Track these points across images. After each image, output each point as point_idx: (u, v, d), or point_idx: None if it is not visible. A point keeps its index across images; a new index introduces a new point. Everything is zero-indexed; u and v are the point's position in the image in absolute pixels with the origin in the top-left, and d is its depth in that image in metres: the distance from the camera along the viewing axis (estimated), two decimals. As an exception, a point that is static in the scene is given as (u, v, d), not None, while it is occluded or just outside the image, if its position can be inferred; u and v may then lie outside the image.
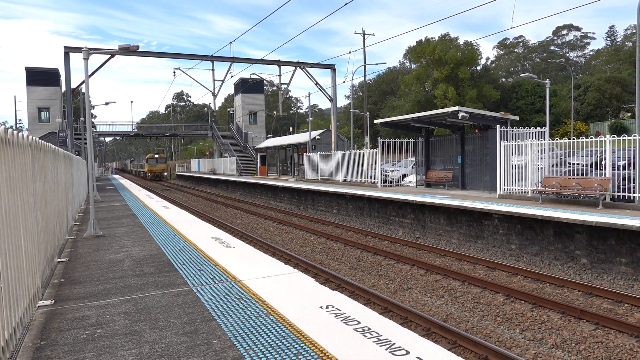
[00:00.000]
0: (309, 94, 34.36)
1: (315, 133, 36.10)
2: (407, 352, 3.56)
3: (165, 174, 63.11)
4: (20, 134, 4.66)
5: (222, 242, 8.60)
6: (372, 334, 3.93)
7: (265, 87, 65.05)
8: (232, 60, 31.24)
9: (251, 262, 6.86)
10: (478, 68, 66.56)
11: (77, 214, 14.45)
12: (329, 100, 35.18)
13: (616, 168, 12.23)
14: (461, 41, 62.47)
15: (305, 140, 33.78)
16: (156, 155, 63.93)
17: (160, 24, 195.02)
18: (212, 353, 3.69)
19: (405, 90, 66.79)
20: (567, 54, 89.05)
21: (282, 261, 8.14)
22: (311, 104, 41.45)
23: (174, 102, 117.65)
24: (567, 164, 14.47)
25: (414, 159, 21.84)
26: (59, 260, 7.52)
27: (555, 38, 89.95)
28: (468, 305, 8.24)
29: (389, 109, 69.58)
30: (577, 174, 13.14)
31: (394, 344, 3.73)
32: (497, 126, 15.25)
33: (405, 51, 74.11)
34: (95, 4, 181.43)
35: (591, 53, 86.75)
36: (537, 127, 15.39)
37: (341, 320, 4.29)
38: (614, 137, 12.20)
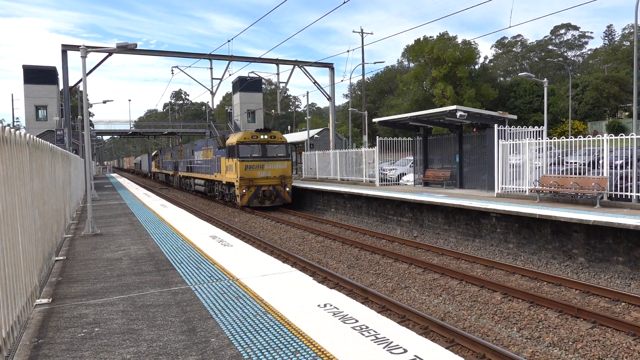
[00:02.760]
0: (307, 92, 34.46)
1: (313, 132, 36.11)
2: (405, 351, 3.56)
3: (288, 188, 22.53)
4: (17, 132, 4.64)
5: (220, 241, 8.59)
6: (369, 333, 3.94)
7: (263, 86, 65.00)
8: (230, 58, 31.18)
9: (249, 261, 6.86)
10: (476, 67, 66.64)
11: (75, 212, 14.42)
12: (327, 99, 35.16)
13: (614, 167, 12.26)
14: (459, 40, 62.56)
15: (303, 139, 33.79)
16: (264, 135, 22.35)
17: (160, 22, 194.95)
18: (210, 351, 3.69)
19: (403, 89, 66.85)
20: (565, 53, 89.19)
21: (280, 260, 8.13)
22: (309, 103, 41.44)
23: (172, 101, 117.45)
24: (564, 163, 14.49)
25: (412, 158, 21.86)
26: (57, 258, 7.50)
27: (553, 37, 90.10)
28: (466, 304, 8.25)
29: (387, 107, 69.63)
30: (575, 173, 13.16)
31: (391, 342, 3.73)
32: (495, 125, 15.27)
33: (404, 50, 74.20)
34: (94, 3, 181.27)
35: (589, 52, 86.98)
36: (535, 126, 15.41)
37: (339, 319, 4.29)
38: (611, 136, 12.23)
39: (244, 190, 21.41)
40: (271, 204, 22.00)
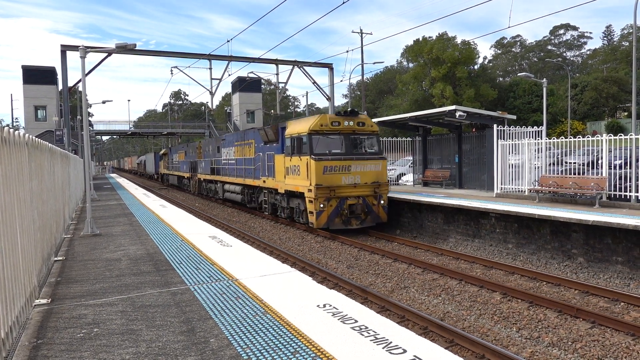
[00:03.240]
0: (307, 92, 34.52)
1: (312, 132, 35.95)
2: (404, 351, 3.56)
3: (383, 201, 14.75)
4: (16, 132, 4.64)
5: (220, 241, 8.59)
6: (369, 333, 3.94)
7: (262, 86, 65.03)
8: (230, 59, 31.16)
9: (248, 261, 6.86)
10: (475, 67, 66.66)
11: (74, 212, 14.41)
12: (327, 99, 35.16)
13: (613, 167, 12.27)
14: (459, 40, 62.61)
15: (302, 139, 33.65)
16: (349, 121, 14.84)
17: (160, 23, 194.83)
18: (209, 352, 3.69)
19: (402, 89, 66.86)
20: (564, 54, 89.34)
21: (279, 260, 8.13)
22: (309, 103, 41.44)
23: (172, 101, 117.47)
24: (564, 163, 14.51)
25: (412, 158, 21.87)
26: (56, 259, 7.49)
27: (553, 37, 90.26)
28: (465, 304, 8.25)
29: (386, 108, 69.66)
30: (574, 173, 13.18)
31: (391, 342, 3.73)
32: (495, 125, 15.28)
33: (403, 50, 74.26)
34: (94, 3, 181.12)
35: (588, 52, 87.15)
36: (534, 127, 15.42)
37: (338, 319, 4.29)
38: (610, 136, 12.24)
39: (322, 205, 14.08)
40: (360, 224, 14.66)
